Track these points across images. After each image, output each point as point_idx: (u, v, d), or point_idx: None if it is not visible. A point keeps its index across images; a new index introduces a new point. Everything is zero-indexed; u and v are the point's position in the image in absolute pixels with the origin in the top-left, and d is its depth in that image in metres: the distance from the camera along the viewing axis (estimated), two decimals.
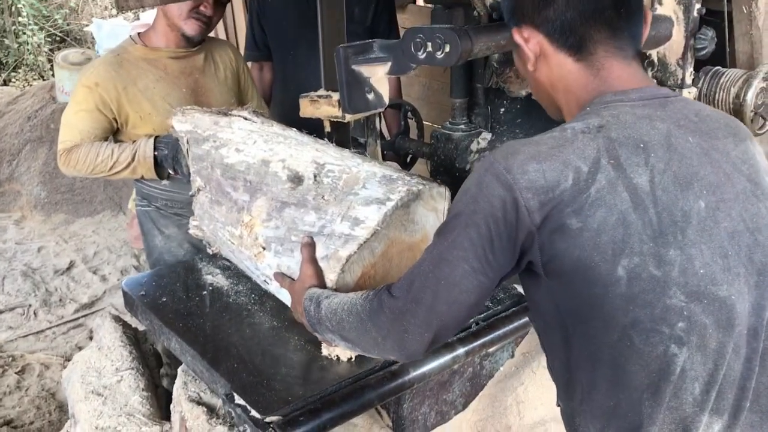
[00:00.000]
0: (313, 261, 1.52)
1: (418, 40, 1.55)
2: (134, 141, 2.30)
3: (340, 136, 1.89)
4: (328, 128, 1.89)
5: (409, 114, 2.69)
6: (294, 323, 1.77)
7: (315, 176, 1.64)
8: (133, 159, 2.27)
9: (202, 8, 2.31)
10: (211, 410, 1.68)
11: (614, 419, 1.04)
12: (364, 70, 1.70)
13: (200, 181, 1.97)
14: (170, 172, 2.30)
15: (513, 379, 1.93)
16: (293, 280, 1.58)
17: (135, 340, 2.16)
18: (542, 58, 1.18)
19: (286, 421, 1.45)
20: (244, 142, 1.88)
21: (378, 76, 1.72)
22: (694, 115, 1.10)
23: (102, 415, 1.80)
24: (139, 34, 2.44)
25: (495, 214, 1.01)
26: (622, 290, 0.98)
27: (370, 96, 1.73)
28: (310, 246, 1.53)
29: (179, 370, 1.83)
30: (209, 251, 2.06)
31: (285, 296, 1.67)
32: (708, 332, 0.99)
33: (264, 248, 1.69)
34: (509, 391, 1.92)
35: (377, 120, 2.01)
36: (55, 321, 3.90)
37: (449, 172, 2.43)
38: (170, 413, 1.82)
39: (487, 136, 2.40)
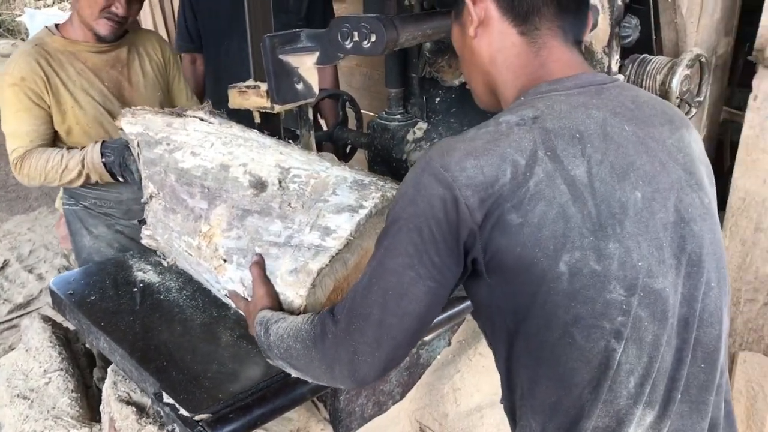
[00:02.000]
0: (264, 280, 1.44)
1: (344, 29, 1.53)
2: (82, 147, 2.22)
3: (271, 127, 1.86)
4: (258, 119, 1.86)
5: (348, 104, 2.67)
6: (225, 319, 1.74)
7: (280, 182, 1.53)
8: (83, 165, 2.18)
9: (113, 8, 2.22)
10: (141, 410, 1.64)
11: (555, 415, 1.03)
12: (292, 60, 1.68)
13: (153, 187, 1.84)
14: (119, 179, 2.19)
15: (449, 367, 1.95)
16: (248, 300, 1.51)
17: (65, 340, 2.10)
18: (486, 25, 1.14)
19: (216, 419, 1.43)
20: (201, 144, 1.76)
21: (306, 66, 1.69)
22: (631, 102, 1.09)
23: (28, 419, 1.75)
24: (56, 25, 2.35)
25: (436, 215, 0.98)
26: (564, 286, 0.97)
27: (299, 86, 1.71)
28: (259, 264, 1.45)
29: (109, 369, 1.79)
30: (165, 263, 1.95)
31: None
32: (644, 325, 0.99)
33: (225, 260, 1.57)
34: (446, 379, 1.93)
35: (310, 110, 1.99)
36: None
37: (386, 162, 2.42)
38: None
39: (423, 125, 2.40)
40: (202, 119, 1.88)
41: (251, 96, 1.77)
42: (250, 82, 1.80)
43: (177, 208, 1.73)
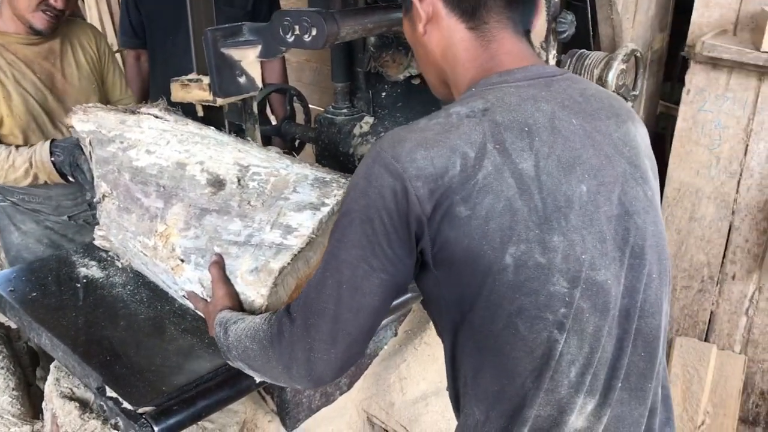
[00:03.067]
0: (224, 281, 1.42)
1: (285, 23, 1.55)
2: (31, 145, 2.15)
3: (214, 120, 1.87)
4: (200, 112, 1.85)
5: (295, 99, 2.68)
6: (170, 314, 1.74)
7: (239, 180, 1.51)
8: (30, 164, 2.11)
9: (51, 1, 2.17)
10: (84, 405, 1.63)
11: (498, 403, 1.05)
12: (235, 53, 1.69)
13: (106, 187, 1.79)
14: (69, 179, 2.12)
15: (396, 357, 1.98)
16: (207, 302, 1.48)
17: (7, 338, 2.06)
18: (434, 22, 1.14)
19: (160, 412, 1.43)
20: (156, 142, 1.71)
21: (249, 59, 1.70)
22: (579, 95, 1.09)
23: None
24: None
25: (387, 206, 0.98)
26: (509, 278, 0.98)
27: (242, 79, 1.71)
28: (218, 264, 1.43)
29: (51, 366, 1.77)
30: (118, 264, 1.90)
31: None
32: (585, 317, 1.01)
33: (183, 260, 1.54)
34: (392, 368, 1.96)
35: (255, 104, 1.99)
36: None
37: (334, 156, 2.44)
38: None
39: (369, 119, 2.42)
40: (156, 116, 1.83)
41: (193, 89, 1.77)
42: (193, 76, 1.80)
43: (131, 208, 1.69)
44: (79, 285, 1.89)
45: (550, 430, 1.04)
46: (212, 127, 1.74)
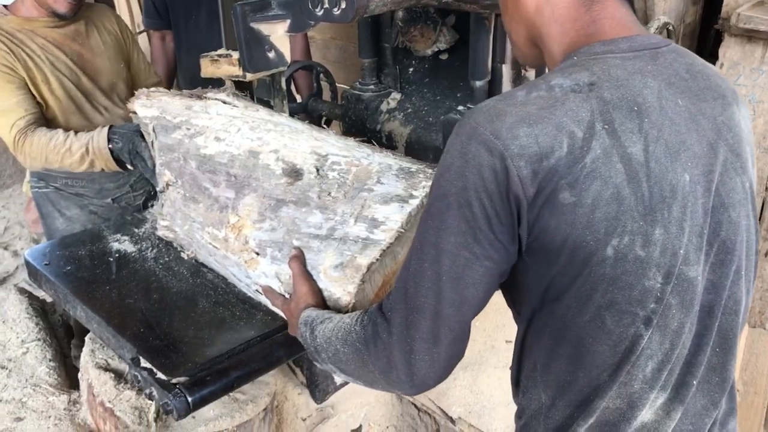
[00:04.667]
0: (306, 276, 1.34)
1: None
2: (89, 130, 2.10)
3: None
4: (232, 88, 1.86)
5: (322, 76, 2.67)
6: (202, 287, 1.77)
7: (317, 169, 1.42)
8: (87, 151, 2.05)
9: None
10: (119, 376, 1.67)
11: (568, 392, 1.00)
12: (264, 28, 1.69)
13: (170, 175, 1.73)
14: (128, 167, 2.07)
15: None
16: (286, 298, 1.41)
17: (42, 311, 2.11)
18: None
19: (193, 382, 1.45)
20: (226, 129, 1.63)
21: (278, 34, 1.71)
22: (685, 71, 1.01)
23: (7, 387, 1.76)
24: (5, 6, 2.28)
25: (488, 187, 0.89)
26: (606, 271, 0.91)
27: (271, 54, 1.72)
28: (299, 259, 1.36)
29: (86, 338, 1.81)
30: (183, 256, 1.83)
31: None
32: (672, 313, 0.96)
33: (257, 254, 1.48)
34: None
35: (283, 80, 1.99)
36: None
37: (361, 133, 2.44)
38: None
39: (396, 96, 2.42)
40: (224, 102, 1.74)
41: (223, 64, 1.78)
42: (222, 51, 1.81)
43: (198, 198, 1.63)
44: (111, 259, 1.92)
45: (617, 422, 1.00)
46: (285, 114, 1.68)
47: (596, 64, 0.96)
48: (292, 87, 3.01)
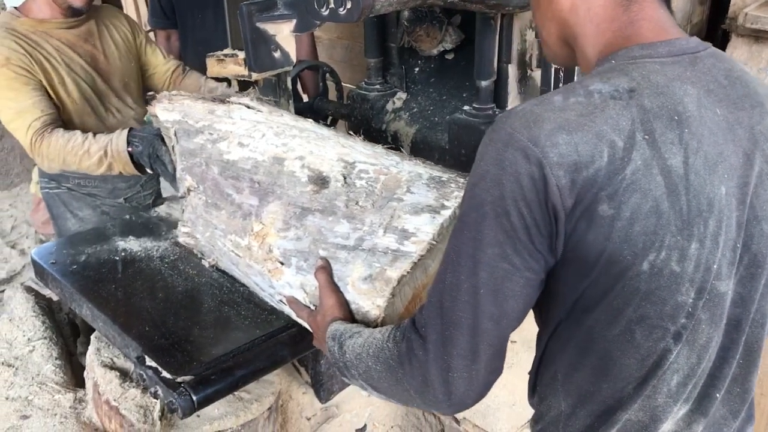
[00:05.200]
0: (332, 288, 1.30)
1: None
2: (103, 132, 2.07)
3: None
4: (236, 88, 1.87)
5: (328, 75, 2.68)
6: (207, 286, 1.77)
7: (344, 177, 1.38)
8: (105, 154, 2.00)
9: None
10: (124, 374, 1.67)
11: (589, 402, 0.99)
12: (269, 27, 1.69)
13: (191, 180, 1.70)
14: (148, 170, 2.03)
15: None
16: (312, 310, 1.37)
17: (49, 310, 2.11)
18: None
19: (198, 381, 1.46)
20: (249, 135, 1.60)
21: (284, 33, 1.71)
22: (724, 78, 0.97)
23: (13, 385, 1.77)
24: (16, 7, 2.27)
25: (527, 196, 0.85)
26: (641, 286, 0.89)
27: (277, 54, 1.72)
28: (325, 270, 1.32)
29: (92, 336, 1.82)
30: (204, 263, 1.80)
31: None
32: (702, 328, 0.94)
33: (282, 263, 1.44)
34: None
35: (288, 79, 2.00)
36: None
37: (366, 133, 2.44)
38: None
39: (402, 95, 2.42)
40: (248, 106, 1.71)
41: (229, 64, 1.78)
42: (228, 51, 1.81)
43: (221, 204, 1.60)
44: (117, 258, 1.93)
45: None
46: (310, 120, 1.64)
47: (635, 69, 0.92)
48: (299, 86, 3.02)
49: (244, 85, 1.87)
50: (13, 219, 4.65)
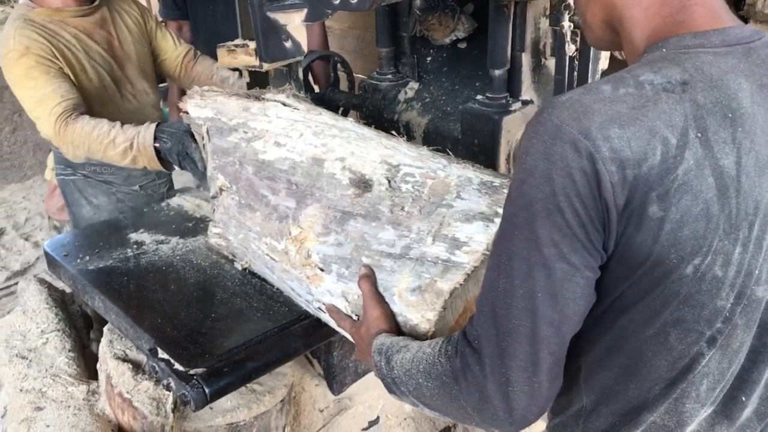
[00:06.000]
0: (377, 298, 1.23)
1: None
2: (137, 124, 2.00)
3: (260, 86, 1.86)
4: (247, 78, 1.85)
5: (339, 65, 2.66)
6: (219, 277, 1.76)
7: (389, 181, 1.31)
8: (131, 146, 1.95)
9: None
10: (137, 366, 1.67)
11: (614, 401, 0.96)
12: (280, 17, 1.67)
13: (224, 180, 1.64)
14: (175, 167, 1.97)
15: None
16: (355, 320, 1.31)
17: (62, 302, 2.12)
18: None
19: (210, 373, 1.45)
20: (286, 134, 1.53)
21: (295, 23, 1.69)
22: None
23: (27, 377, 1.77)
24: None
25: (580, 191, 0.80)
26: (681, 289, 0.85)
27: (288, 44, 1.70)
28: (370, 279, 1.25)
29: (105, 328, 1.81)
30: (237, 266, 1.76)
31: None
32: (737, 333, 0.91)
33: (322, 269, 1.37)
34: None
35: (300, 70, 1.98)
36: None
37: (378, 123, 2.42)
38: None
39: (414, 85, 2.39)
40: (284, 104, 1.64)
41: (240, 54, 1.76)
42: (239, 41, 1.79)
43: (255, 205, 1.54)
44: (129, 250, 1.93)
45: None
46: (350, 119, 1.56)
47: (688, 60, 0.87)
48: (310, 77, 3.00)
49: (254, 76, 1.85)
50: (26, 211, 4.68)
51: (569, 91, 0.90)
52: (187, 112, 1.76)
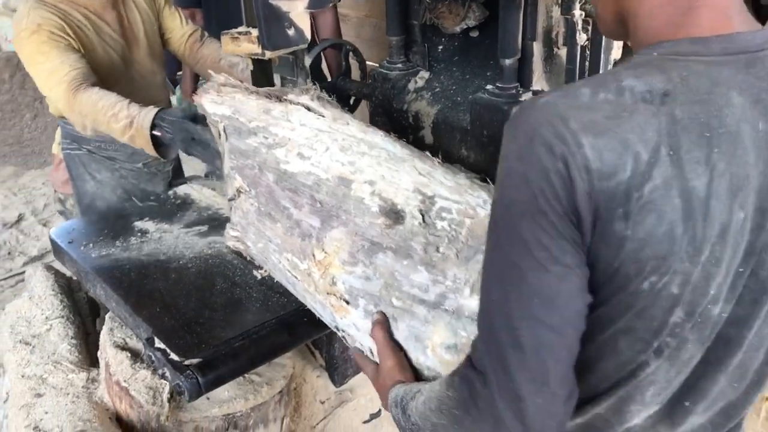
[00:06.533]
0: (391, 348, 1.18)
1: None
2: (144, 105, 1.95)
3: (263, 74, 1.84)
4: (250, 66, 1.83)
5: (351, 54, 2.63)
6: (220, 267, 1.75)
7: (423, 215, 1.20)
8: (131, 124, 1.90)
9: None
10: (136, 355, 1.67)
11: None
12: (283, 4, 1.65)
13: (241, 182, 1.57)
14: (184, 153, 1.91)
15: None
16: (376, 365, 1.23)
17: (68, 289, 2.13)
18: None
19: (205, 364, 1.45)
20: (311, 146, 1.42)
21: (298, 10, 1.66)
22: None
23: (29, 363, 1.78)
24: None
25: (558, 193, 0.78)
26: (636, 303, 0.84)
27: (290, 31, 1.67)
28: (384, 326, 1.20)
29: (106, 316, 1.82)
30: (256, 273, 1.70)
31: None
32: (687, 347, 0.89)
33: (348, 302, 1.28)
34: None
35: (306, 58, 1.96)
36: (4, 274, 3.83)
37: (388, 113, 2.39)
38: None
39: (424, 75, 2.35)
40: (309, 108, 1.53)
41: (243, 42, 1.74)
42: (242, 28, 1.77)
43: (276, 216, 1.46)
44: (133, 238, 1.92)
45: (602, 428, 0.96)
46: (381, 132, 1.46)
47: (676, 68, 0.82)
48: (324, 66, 2.98)
49: (258, 64, 1.83)
50: (45, 197, 4.72)
51: (548, 91, 0.87)
52: (202, 105, 1.68)
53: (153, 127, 1.89)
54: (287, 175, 1.44)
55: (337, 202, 1.32)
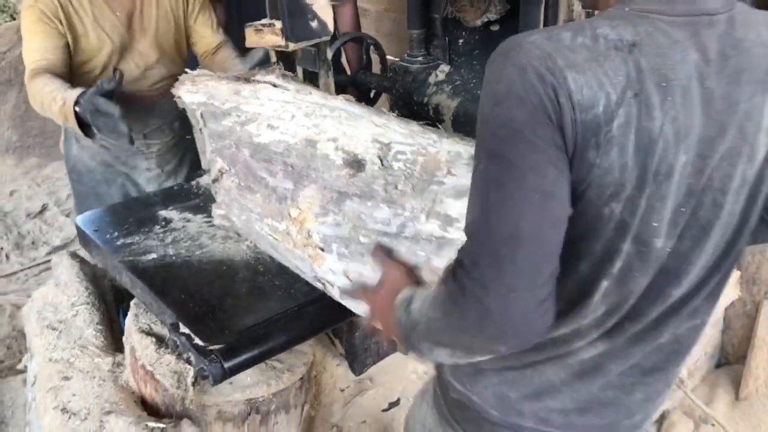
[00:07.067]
0: (395, 258, 1.25)
1: None
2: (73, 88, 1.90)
3: (286, 66, 1.86)
4: (274, 58, 1.86)
5: (372, 48, 2.65)
6: (243, 254, 1.78)
7: (381, 160, 1.33)
8: (64, 104, 1.85)
9: None
10: (160, 340, 1.70)
11: None
12: None
13: (222, 163, 1.66)
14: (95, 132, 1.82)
15: None
16: (372, 289, 1.28)
17: (93, 276, 2.17)
18: None
19: (228, 349, 1.47)
20: (279, 116, 1.55)
21: (321, 3, 1.68)
22: (731, 48, 0.93)
23: (56, 348, 1.82)
24: None
25: (550, 115, 0.86)
26: (595, 226, 0.93)
27: (314, 24, 1.70)
28: (381, 247, 1.27)
29: (131, 303, 1.85)
30: (243, 246, 1.79)
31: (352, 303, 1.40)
32: (634, 275, 0.99)
33: (323, 249, 1.40)
34: None
35: (328, 50, 1.98)
36: (27, 263, 3.90)
37: (408, 106, 2.41)
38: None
39: (445, 68, 2.37)
40: (274, 85, 1.64)
41: (266, 34, 1.77)
42: (266, 21, 1.79)
43: (255, 187, 1.56)
44: (158, 226, 1.96)
45: (557, 346, 1.07)
46: (340, 97, 1.57)
47: (643, 24, 0.91)
48: (343, 59, 3.00)
49: (282, 56, 1.85)
50: (68, 188, 4.78)
51: (531, 32, 0.93)
52: (180, 97, 1.77)
53: (77, 105, 1.83)
54: (261, 147, 1.54)
55: (306, 163, 1.43)
